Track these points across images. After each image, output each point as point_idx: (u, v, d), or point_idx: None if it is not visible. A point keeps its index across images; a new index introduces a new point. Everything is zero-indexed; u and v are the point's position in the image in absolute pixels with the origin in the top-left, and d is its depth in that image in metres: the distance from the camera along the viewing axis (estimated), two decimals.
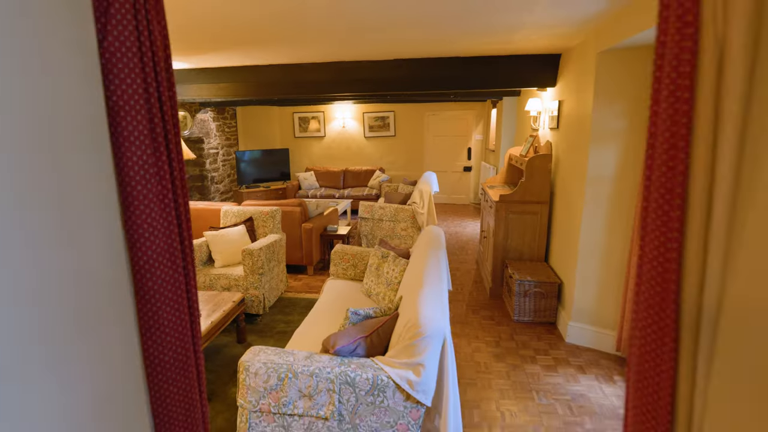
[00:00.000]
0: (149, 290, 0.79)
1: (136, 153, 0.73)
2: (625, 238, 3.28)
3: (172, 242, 0.80)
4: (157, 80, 0.77)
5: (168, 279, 0.80)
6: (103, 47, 0.71)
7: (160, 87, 0.77)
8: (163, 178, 0.77)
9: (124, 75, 0.73)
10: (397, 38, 3.35)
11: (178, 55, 3.88)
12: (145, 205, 0.75)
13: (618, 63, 3.10)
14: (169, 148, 0.78)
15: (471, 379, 3.14)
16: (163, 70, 0.78)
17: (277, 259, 4.38)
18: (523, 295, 3.92)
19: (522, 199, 4.25)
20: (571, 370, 3.23)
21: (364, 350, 2.16)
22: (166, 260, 0.79)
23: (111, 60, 0.71)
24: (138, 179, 0.74)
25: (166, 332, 0.81)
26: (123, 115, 0.73)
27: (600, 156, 3.24)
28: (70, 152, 0.66)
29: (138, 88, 0.74)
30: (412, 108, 9.40)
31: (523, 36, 3.42)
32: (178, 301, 0.83)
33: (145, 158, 0.74)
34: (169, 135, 0.78)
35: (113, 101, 0.72)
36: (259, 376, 2.02)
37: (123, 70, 0.72)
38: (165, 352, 0.82)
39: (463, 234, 7.09)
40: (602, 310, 3.46)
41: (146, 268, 0.77)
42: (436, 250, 2.97)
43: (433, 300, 2.18)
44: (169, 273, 0.81)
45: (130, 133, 0.73)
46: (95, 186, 0.70)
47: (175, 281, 0.82)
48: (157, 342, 0.81)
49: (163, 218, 0.78)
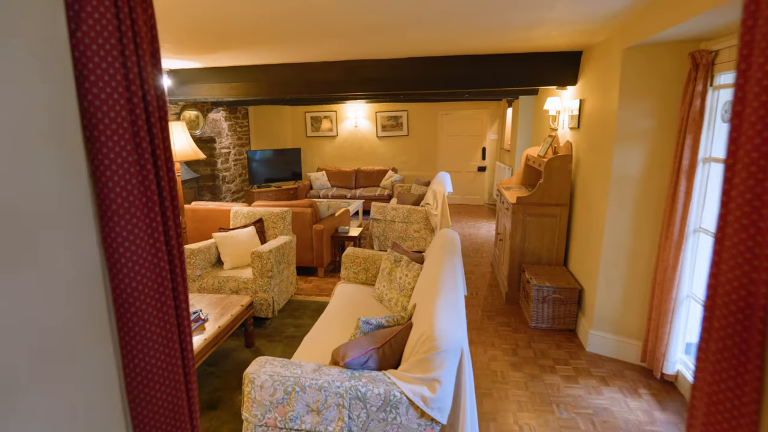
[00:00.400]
0: (132, 317, 0.68)
1: (116, 161, 0.63)
2: (652, 241, 3.12)
3: (158, 261, 0.70)
4: (142, 76, 0.66)
5: (155, 304, 0.70)
6: (76, 38, 0.61)
7: (145, 84, 0.67)
8: (148, 188, 0.67)
9: (102, 70, 0.62)
10: (410, 37, 3.23)
11: (189, 54, 3.80)
12: (126, 220, 0.65)
13: (645, 59, 2.94)
14: (156, 153, 0.67)
15: (487, 389, 3.01)
16: (149, 65, 0.68)
17: (287, 261, 4.29)
18: (541, 301, 3.78)
19: (540, 201, 4.10)
20: (593, 381, 3.08)
21: (376, 362, 2.05)
22: (152, 282, 0.69)
23: (85, 53, 0.61)
24: (119, 190, 0.63)
25: (152, 363, 0.71)
26: (100, 116, 0.62)
27: (625, 156, 3.09)
28: (31, 158, 0.56)
29: (118, 86, 0.63)
30: (426, 107, 9.26)
31: (542, 33, 3.28)
32: (167, 329, 0.72)
33: (126, 165, 0.64)
34: (156, 139, 0.67)
35: (88, 101, 0.62)
36: (265, 389, 1.92)
37: (100, 64, 0.62)
38: (151, 392, 0.72)
39: (478, 236, 6.94)
40: (626, 318, 3.30)
41: (128, 292, 0.67)
42: (451, 255, 2.84)
43: (449, 310, 2.06)
44: (156, 297, 0.70)
45: (108, 137, 0.62)
46: (65, 197, 0.60)
47: (163, 306, 0.71)
48: (142, 375, 0.71)
49: (148, 234, 0.67)
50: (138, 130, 0.65)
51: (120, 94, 0.63)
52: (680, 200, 2.77)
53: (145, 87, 0.66)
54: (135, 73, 0.65)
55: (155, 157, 0.68)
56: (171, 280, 0.74)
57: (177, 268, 0.74)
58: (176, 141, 4.30)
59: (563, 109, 4.61)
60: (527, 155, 5.02)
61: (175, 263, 0.74)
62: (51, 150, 0.59)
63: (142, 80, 0.66)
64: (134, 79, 0.65)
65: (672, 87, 2.91)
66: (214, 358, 3.41)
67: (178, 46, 3.46)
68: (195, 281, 4.03)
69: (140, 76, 0.66)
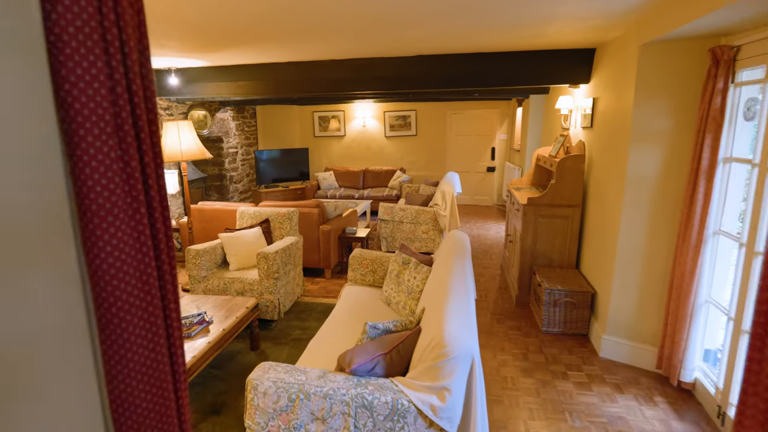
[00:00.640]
0: (118, 338, 0.61)
1: (96, 156, 0.56)
2: (669, 244, 3.02)
3: (145, 267, 0.63)
4: (126, 64, 0.60)
5: (142, 324, 0.63)
6: (51, 20, 0.55)
7: (130, 73, 0.60)
8: (133, 187, 0.59)
9: (80, 57, 0.56)
10: (418, 34, 3.16)
11: (195, 52, 3.76)
12: (109, 222, 0.58)
13: (662, 56, 2.84)
14: (142, 149, 0.61)
15: (497, 395, 2.93)
16: (135, 52, 0.61)
17: (294, 263, 4.23)
18: (552, 305, 3.68)
19: (552, 202, 4.00)
20: (607, 388, 2.98)
21: (383, 369, 1.98)
22: (138, 290, 0.62)
23: (62, 37, 0.55)
24: (99, 189, 0.57)
25: (139, 389, 0.64)
26: (79, 108, 0.56)
27: (641, 156, 2.99)
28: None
29: (99, 74, 0.57)
30: (434, 107, 9.18)
31: (554, 30, 3.19)
32: (157, 350, 0.65)
33: (109, 162, 0.57)
34: (142, 133, 0.61)
35: (66, 90, 0.56)
36: (269, 395, 1.85)
37: (78, 50, 0.56)
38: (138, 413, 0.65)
39: (487, 237, 6.84)
40: (641, 324, 3.20)
41: (113, 311, 0.60)
42: (461, 257, 2.76)
43: (459, 315, 1.99)
44: (143, 307, 0.64)
45: (88, 131, 0.55)
46: (40, 196, 0.54)
47: (152, 325, 0.64)
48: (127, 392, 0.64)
49: (134, 238, 0.61)
50: (122, 124, 0.58)
51: (101, 83, 0.57)
52: (699, 202, 2.67)
53: (130, 76, 0.59)
54: (118, 60, 0.58)
55: (141, 153, 0.61)
56: (160, 288, 0.67)
57: (167, 274, 0.67)
58: (183, 140, 4.26)
59: (575, 108, 4.51)
60: (538, 155, 4.93)
61: (164, 269, 0.67)
62: (23, 144, 0.53)
63: (126, 68, 0.59)
64: (117, 67, 0.58)
65: (690, 84, 2.80)
66: (218, 360, 3.36)
67: (184, 43, 3.42)
68: (200, 282, 3.99)
69: (124, 63, 0.59)
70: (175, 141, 4.22)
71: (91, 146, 0.58)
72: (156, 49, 3.62)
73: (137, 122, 0.62)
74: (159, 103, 6.08)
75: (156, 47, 3.53)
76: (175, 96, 4.79)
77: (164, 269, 0.66)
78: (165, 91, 4.73)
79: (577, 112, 4.45)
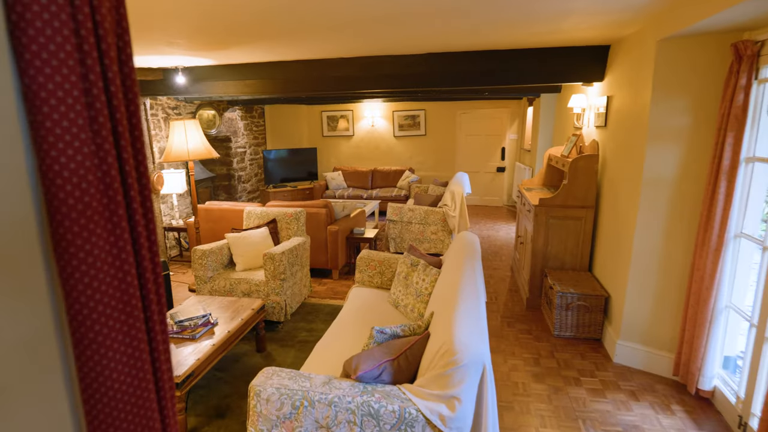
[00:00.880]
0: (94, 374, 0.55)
1: (66, 152, 0.50)
2: (687, 247, 2.92)
3: (125, 276, 0.56)
4: (101, 48, 0.53)
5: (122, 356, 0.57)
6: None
7: (105, 58, 0.54)
8: (110, 186, 0.53)
9: (46, 38, 0.50)
10: (428, 31, 3.08)
11: (202, 50, 3.72)
12: (81, 225, 0.51)
13: (681, 52, 2.74)
14: (120, 144, 0.54)
15: (508, 402, 2.84)
16: (111, 33, 0.54)
17: (301, 264, 4.18)
18: (564, 309, 3.59)
19: (564, 203, 3.91)
20: (622, 395, 2.88)
21: (390, 376, 1.91)
22: (116, 301, 0.56)
23: (24, 16, 0.49)
24: (70, 188, 0.50)
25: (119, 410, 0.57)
26: (45, 96, 0.50)
27: (658, 156, 2.89)
28: None
29: (68, 59, 0.51)
30: (444, 106, 9.09)
31: (568, 26, 3.09)
32: (137, 369, 0.59)
33: (80, 159, 0.51)
34: (120, 126, 0.54)
35: (30, 76, 0.50)
36: (272, 402, 1.79)
37: (44, 30, 0.49)
38: None
39: (497, 238, 6.74)
40: (657, 329, 3.10)
41: (89, 336, 0.54)
42: (471, 259, 2.69)
43: (470, 321, 1.91)
44: (122, 320, 0.57)
45: (56, 123, 0.49)
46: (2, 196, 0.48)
47: (133, 355, 0.58)
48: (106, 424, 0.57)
49: (110, 243, 0.54)
50: (96, 116, 0.52)
51: (71, 68, 0.51)
52: (719, 203, 2.56)
53: (105, 61, 0.53)
54: (91, 44, 0.52)
55: (119, 149, 0.55)
56: (141, 299, 0.60)
57: (149, 283, 0.61)
58: (190, 139, 4.22)
59: (589, 107, 4.40)
60: (550, 155, 4.82)
61: (146, 278, 0.60)
62: None
63: (101, 52, 0.53)
64: (90, 51, 0.52)
65: (711, 81, 2.70)
66: (224, 363, 3.31)
67: (191, 41, 3.38)
68: (207, 283, 3.95)
69: (98, 47, 0.53)
70: (182, 140, 4.18)
71: (60, 140, 0.51)
72: (163, 47, 3.58)
73: (114, 114, 0.56)
74: (167, 102, 6.07)
75: (163, 45, 3.49)
76: (183, 95, 4.76)
77: (146, 277, 0.59)
78: (172, 90, 4.71)
79: (590, 110, 4.35)
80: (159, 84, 4.71)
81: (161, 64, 4.35)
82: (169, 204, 6.13)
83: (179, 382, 2.38)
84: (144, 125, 5.18)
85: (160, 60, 4.14)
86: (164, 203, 6.03)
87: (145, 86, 4.76)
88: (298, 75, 4.41)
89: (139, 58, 4.03)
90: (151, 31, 3.00)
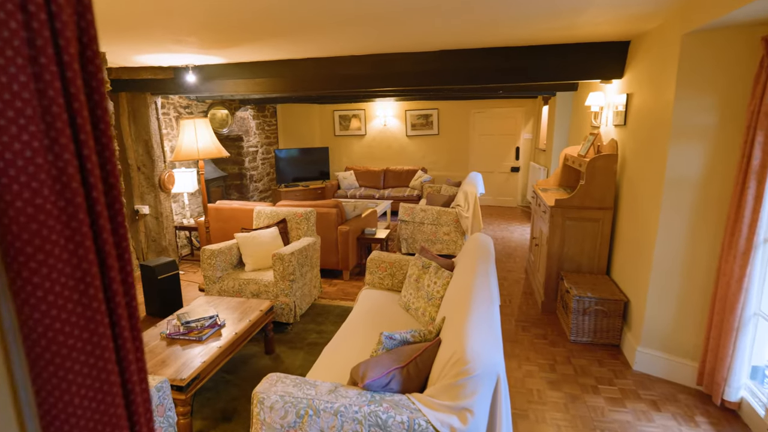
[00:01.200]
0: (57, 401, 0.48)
1: (11, 145, 0.43)
2: (713, 251, 2.78)
3: (89, 301, 0.49)
4: (54, 26, 0.46)
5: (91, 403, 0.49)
6: None
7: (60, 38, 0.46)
8: (67, 186, 0.46)
9: None
10: (441, 25, 2.99)
11: (212, 48, 3.68)
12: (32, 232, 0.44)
13: (706, 47, 2.61)
14: (80, 139, 0.47)
15: (522, 410, 2.74)
16: (69, 5, 0.47)
17: (310, 264, 4.12)
18: (581, 313, 3.47)
19: (581, 204, 3.78)
20: (642, 405, 2.76)
21: (399, 384, 1.83)
22: (78, 329, 0.49)
23: None
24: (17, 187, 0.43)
25: None
26: None
27: (682, 156, 2.76)
28: None
29: (13, 37, 0.43)
30: (457, 105, 8.97)
31: (587, 20, 2.98)
32: (110, 414, 0.51)
33: (30, 154, 0.44)
34: (80, 118, 0.47)
35: None
36: (276, 410, 1.72)
37: None
38: None
39: (511, 239, 6.61)
40: (680, 336, 2.97)
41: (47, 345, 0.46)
42: (484, 262, 2.59)
43: (483, 327, 1.82)
44: (88, 353, 0.50)
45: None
46: None
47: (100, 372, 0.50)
48: None
49: (72, 266, 0.47)
50: (49, 105, 0.45)
51: (16, 49, 0.43)
52: (748, 205, 2.43)
53: (60, 42, 0.46)
54: (42, 21, 0.44)
55: (79, 144, 0.48)
56: (111, 325, 0.52)
57: (119, 308, 0.52)
58: (199, 138, 4.19)
59: (607, 105, 4.26)
60: (566, 155, 4.69)
61: (117, 301, 0.52)
62: None
63: (54, 29, 0.46)
64: (41, 30, 0.44)
65: (738, 77, 2.57)
66: (231, 365, 3.26)
67: (201, 39, 3.34)
68: (215, 283, 3.91)
69: (50, 24, 0.45)
70: (191, 139, 4.15)
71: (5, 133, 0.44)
72: (172, 45, 3.55)
73: (71, 102, 0.48)
74: (179, 101, 6.06)
75: (171, 43, 3.46)
76: (193, 93, 4.74)
77: (117, 301, 0.51)
78: (183, 88, 4.68)
79: (608, 109, 4.21)
80: (169, 83, 4.69)
81: (171, 62, 4.32)
82: (181, 203, 6.12)
83: (184, 386, 2.33)
84: (155, 124, 5.17)
85: (170, 58, 4.11)
86: (176, 202, 6.03)
87: (156, 85, 4.75)
88: (308, 73, 4.35)
89: (148, 57, 4.01)
90: (157, 28, 2.96)
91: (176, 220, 6.01)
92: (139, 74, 4.58)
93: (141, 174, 5.30)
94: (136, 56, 3.98)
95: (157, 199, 5.36)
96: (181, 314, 2.91)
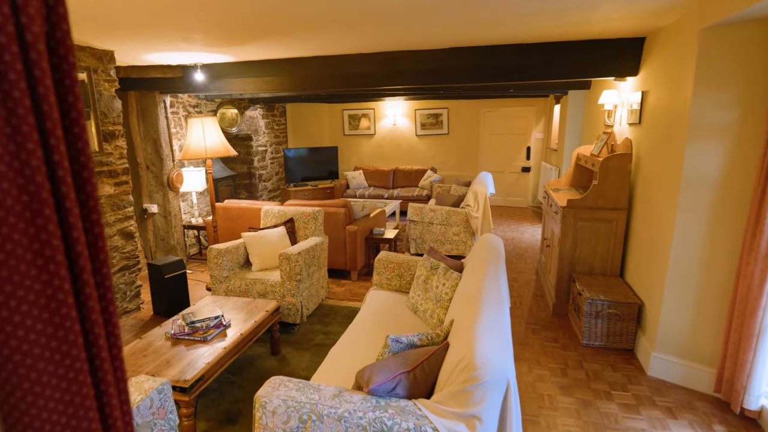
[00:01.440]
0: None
1: None
2: (732, 253, 2.69)
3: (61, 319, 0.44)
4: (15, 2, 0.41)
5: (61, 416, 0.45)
6: None
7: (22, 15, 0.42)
8: (32, 180, 0.42)
9: None
10: (450, 22, 2.93)
11: (219, 46, 3.65)
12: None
13: (725, 42, 2.52)
14: (46, 127, 0.43)
15: (533, 415, 2.67)
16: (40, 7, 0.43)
17: (318, 264, 4.08)
18: (594, 316, 3.38)
19: (594, 204, 3.69)
20: (658, 412, 2.67)
21: (405, 389, 1.77)
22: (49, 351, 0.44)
23: None
24: None
25: None
26: None
27: (700, 155, 2.67)
28: None
29: None
30: (467, 104, 8.88)
31: (601, 16, 2.89)
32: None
33: None
34: (45, 105, 0.42)
35: None
36: (278, 415, 1.68)
37: None
38: None
39: (521, 240, 6.52)
40: (697, 341, 2.87)
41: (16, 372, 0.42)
42: (494, 264, 2.52)
43: (492, 331, 1.76)
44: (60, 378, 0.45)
45: None
46: None
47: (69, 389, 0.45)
48: None
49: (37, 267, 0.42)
50: (9, 89, 0.40)
51: None
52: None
53: (22, 20, 0.42)
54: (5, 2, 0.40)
55: (45, 133, 0.43)
56: (84, 333, 0.47)
57: (93, 313, 0.47)
58: (207, 137, 4.17)
59: (621, 103, 4.17)
60: (578, 154, 4.60)
61: (90, 307, 0.47)
62: None
63: (14, 4, 0.42)
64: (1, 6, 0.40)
65: (759, 72, 2.47)
66: (237, 366, 3.23)
67: (207, 36, 3.31)
68: (222, 282, 3.88)
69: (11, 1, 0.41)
70: (199, 138, 4.13)
71: None
72: (180, 43, 3.52)
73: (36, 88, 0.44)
74: (188, 100, 6.06)
75: (180, 41, 3.44)
76: (202, 92, 4.72)
77: (93, 319, 0.46)
78: (191, 87, 4.67)
79: (622, 107, 4.11)
80: (178, 81, 4.68)
81: (180, 61, 4.31)
82: (189, 202, 6.12)
83: (188, 387, 2.30)
84: (163, 123, 5.16)
85: (178, 57, 4.09)
86: (184, 201, 6.03)
87: (164, 83, 4.74)
88: (316, 71, 4.31)
89: (157, 55, 4.00)
90: (165, 26, 2.93)
91: (185, 219, 6.01)
92: (148, 73, 4.58)
93: (150, 172, 5.30)
94: (144, 55, 3.97)
95: (166, 197, 5.36)
96: (186, 314, 2.88)
